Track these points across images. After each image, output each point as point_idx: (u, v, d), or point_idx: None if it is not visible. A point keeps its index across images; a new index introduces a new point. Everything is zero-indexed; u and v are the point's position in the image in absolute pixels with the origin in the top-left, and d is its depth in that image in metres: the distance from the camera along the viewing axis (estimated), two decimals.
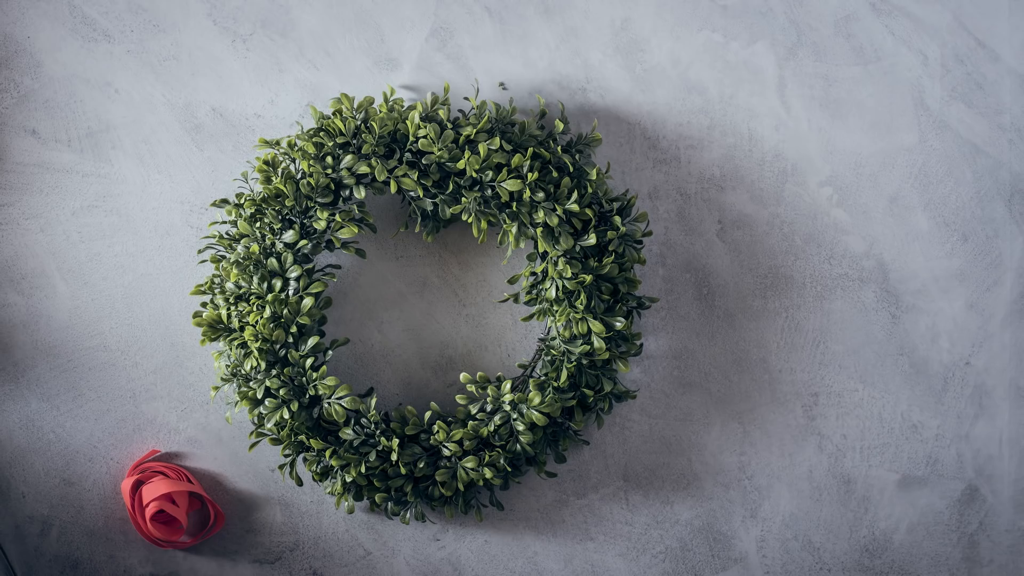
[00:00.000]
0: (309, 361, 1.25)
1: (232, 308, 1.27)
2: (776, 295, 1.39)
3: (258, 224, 1.27)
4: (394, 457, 1.26)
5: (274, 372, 1.25)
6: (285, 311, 1.24)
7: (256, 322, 1.24)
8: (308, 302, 1.24)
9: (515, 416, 1.27)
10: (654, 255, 1.38)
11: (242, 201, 1.29)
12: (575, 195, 1.24)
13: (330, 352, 1.29)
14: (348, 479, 1.27)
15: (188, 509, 1.35)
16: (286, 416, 1.24)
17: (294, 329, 1.25)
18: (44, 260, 1.37)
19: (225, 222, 1.31)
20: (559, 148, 1.28)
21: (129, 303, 1.37)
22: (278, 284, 1.25)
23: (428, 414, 1.30)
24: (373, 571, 1.40)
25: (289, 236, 1.25)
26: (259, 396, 1.26)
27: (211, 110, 1.35)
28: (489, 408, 1.29)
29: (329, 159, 1.24)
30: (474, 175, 1.23)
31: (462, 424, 1.29)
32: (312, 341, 1.26)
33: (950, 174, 1.38)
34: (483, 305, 1.38)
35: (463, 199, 1.25)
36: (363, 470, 1.26)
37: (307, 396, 1.26)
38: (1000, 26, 1.37)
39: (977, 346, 1.40)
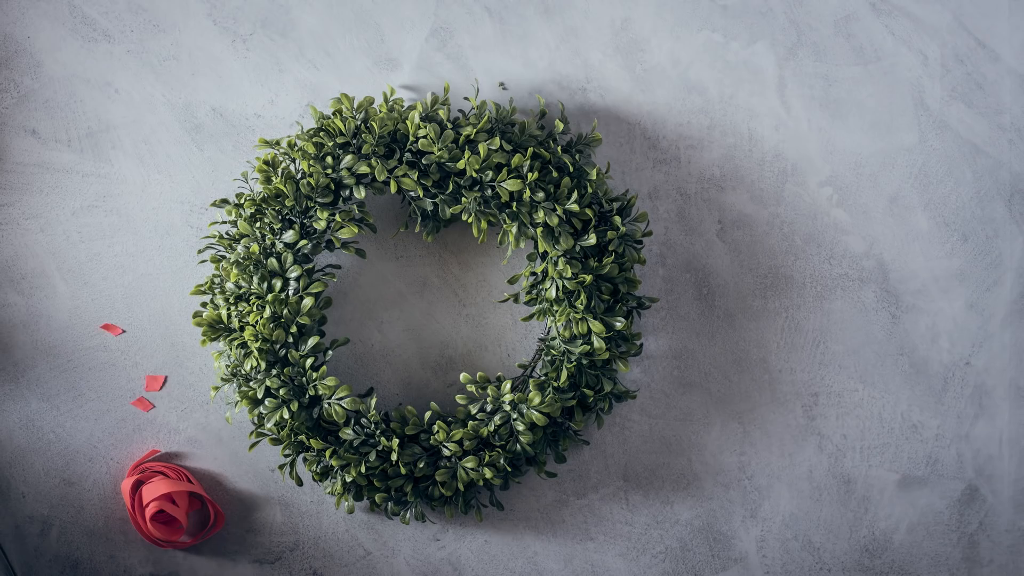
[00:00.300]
0: (309, 361, 1.25)
1: (232, 308, 1.27)
2: (776, 295, 1.39)
3: (258, 224, 1.27)
4: (394, 457, 1.26)
5: (274, 372, 1.25)
6: (285, 311, 1.24)
7: (256, 322, 1.24)
8: (308, 302, 1.24)
9: (515, 416, 1.27)
10: (654, 255, 1.38)
11: (242, 201, 1.29)
12: (575, 195, 1.24)
13: (330, 352, 1.29)
14: (348, 479, 1.27)
15: (188, 509, 1.35)
16: (286, 416, 1.24)
17: (294, 329, 1.25)
18: (44, 260, 1.37)
19: (225, 222, 1.31)
20: (559, 148, 1.28)
21: (129, 303, 1.37)
22: (278, 284, 1.25)
23: (428, 414, 1.30)
24: (373, 571, 1.40)
25: (289, 236, 1.25)
26: (259, 396, 1.26)
27: (211, 110, 1.36)
28: (489, 408, 1.29)
29: (329, 159, 1.24)
30: (474, 175, 1.23)
31: (462, 424, 1.29)
32: (312, 341, 1.25)
33: (950, 174, 1.38)
34: (483, 305, 1.38)
35: (463, 199, 1.25)
36: (363, 470, 1.26)
37: (307, 396, 1.26)
38: (1000, 26, 1.37)
39: (977, 346, 1.40)
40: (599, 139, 1.33)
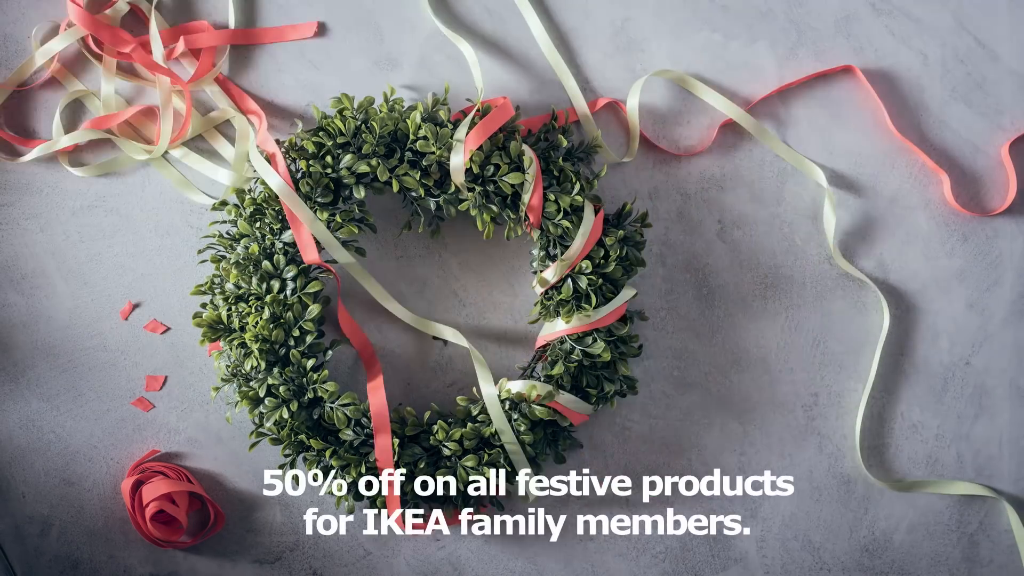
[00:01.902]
0: (310, 363, 1.24)
1: (232, 308, 1.27)
2: (776, 295, 1.39)
3: (258, 224, 1.27)
4: (394, 457, 1.26)
5: (275, 371, 1.25)
6: (289, 314, 1.24)
7: (256, 323, 1.23)
8: (314, 309, 1.24)
9: (515, 416, 1.27)
10: (654, 255, 1.38)
11: (242, 201, 1.29)
12: (577, 189, 1.24)
13: (330, 352, 1.29)
14: (348, 479, 1.27)
15: (188, 509, 1.35)
16: (285, 416, 1.24)
17: (297, 333, 1.24)
18: (44, 260, 1.36)
19: (225, 222, 1.31)
20: (560, 159, 1.27)
21: (129, 303, 1.37)
22: (276, 285, 1.25)
23: (428, 414, 1.30)
24: (373, 571, 1.40)
25: (288, 236, 1.25)
26: (260, 395, 1.26)
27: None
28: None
29: (329, 158, 1.24)
30: (476, 171, 1.23)
31: (462, 424, 1.29)
32: (309, 339, 1.25)
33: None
34: (483, 305, 1.38)
35: (469, 195, 1.25)
36: (363, 470, 1.26)
37: (306, 397, 1.26)
38: (1000, 26, 1.37)
39: (977, 346, 1.40)
40: (601, 146, 1.33)
